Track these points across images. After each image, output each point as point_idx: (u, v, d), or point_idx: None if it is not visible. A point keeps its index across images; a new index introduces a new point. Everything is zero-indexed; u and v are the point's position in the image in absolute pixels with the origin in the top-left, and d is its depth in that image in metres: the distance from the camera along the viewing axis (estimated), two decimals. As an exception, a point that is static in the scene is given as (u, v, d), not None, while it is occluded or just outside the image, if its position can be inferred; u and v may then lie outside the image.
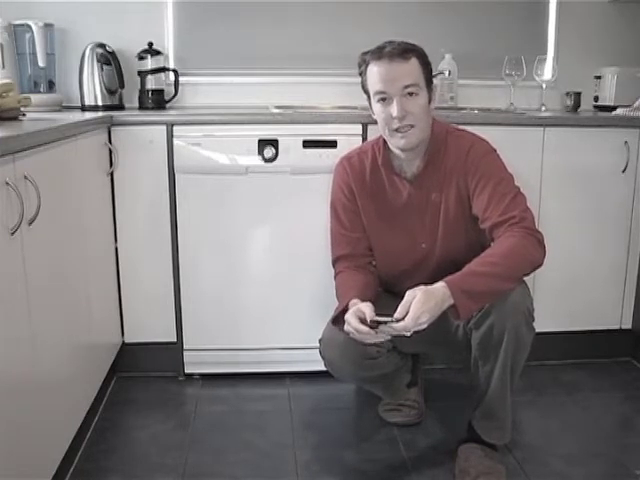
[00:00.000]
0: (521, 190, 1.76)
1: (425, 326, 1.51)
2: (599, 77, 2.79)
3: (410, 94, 1.71)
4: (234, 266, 2.28)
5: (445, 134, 1.80)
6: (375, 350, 1.77)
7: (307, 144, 2.20)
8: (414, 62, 1.72)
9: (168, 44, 2.66)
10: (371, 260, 1.92)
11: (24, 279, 1.40)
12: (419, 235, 1.83)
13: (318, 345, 1.84)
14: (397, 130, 1.73)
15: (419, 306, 1.50)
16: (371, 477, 1.81)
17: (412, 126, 1.72)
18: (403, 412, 2.05)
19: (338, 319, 1.70)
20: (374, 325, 1.53)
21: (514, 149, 2.31)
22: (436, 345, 1.88)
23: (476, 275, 1.58)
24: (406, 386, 2.06)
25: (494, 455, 1.79)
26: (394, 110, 1.70)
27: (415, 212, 1.82)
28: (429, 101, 1.76)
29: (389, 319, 1.50)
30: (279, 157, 2.20)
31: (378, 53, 1.72)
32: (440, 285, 1.54)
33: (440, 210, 1.79)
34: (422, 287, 1.54)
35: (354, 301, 1.67)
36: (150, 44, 2.54)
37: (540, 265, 1.66)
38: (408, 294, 1.54)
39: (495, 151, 1.81)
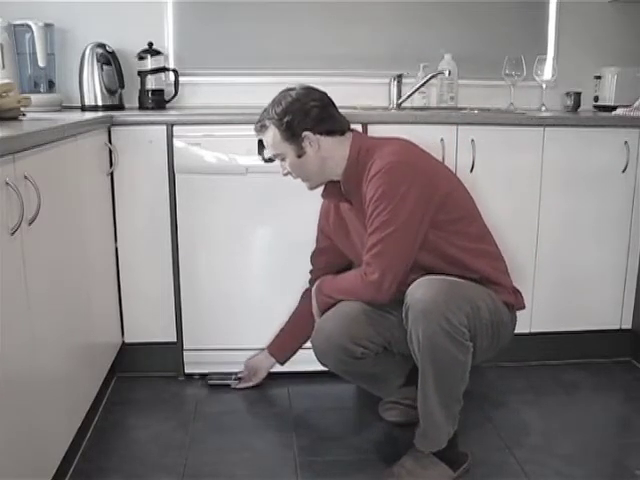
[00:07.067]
0: (400, 221, 1.73)
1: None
2: (599, 77, 2.80)
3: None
4: (234, 266, 2.28)
5: (365, 154, 1.82)
6: (360, 352, 1.84)
7: (307, 144, 2.20)
8: (270, 131, 1.83)
9: (168, 44, 2.66)
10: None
11: (24, 279, 1.40)
12: (363, 248, 1.85)
13: None
14: None
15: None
16: (371, 477, 1.81)
17: (298, 177, 1.90)
18: (403, 411, 2.05)
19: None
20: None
21: (514, 149, 2.32)
22: None
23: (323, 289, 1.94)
24: (398, 387, 2.05)
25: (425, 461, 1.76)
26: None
27: (355, 227, 1.93)
28: (300, 154, 1.83)
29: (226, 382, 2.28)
30: (279, 157, 2.20)
31: None
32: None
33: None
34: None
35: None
36: (150, 44, 2.54)
37: (368, 300, 1.81)
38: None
39: (391, 165, 1.75)
